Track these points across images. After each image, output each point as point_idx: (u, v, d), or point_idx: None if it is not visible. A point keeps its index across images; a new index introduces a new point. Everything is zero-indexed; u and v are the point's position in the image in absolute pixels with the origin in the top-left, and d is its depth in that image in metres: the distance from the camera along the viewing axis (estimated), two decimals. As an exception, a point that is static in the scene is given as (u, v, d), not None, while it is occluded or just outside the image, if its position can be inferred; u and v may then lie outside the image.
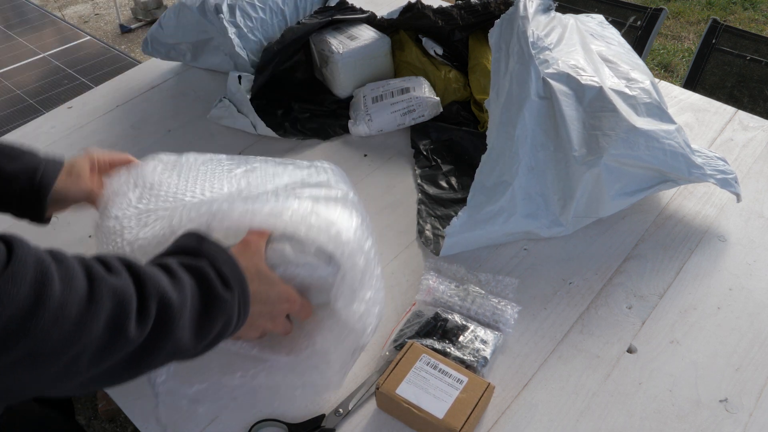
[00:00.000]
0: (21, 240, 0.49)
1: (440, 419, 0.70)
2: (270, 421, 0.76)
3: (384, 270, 0.94)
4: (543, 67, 0.93)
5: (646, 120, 0.91)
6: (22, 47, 2.36)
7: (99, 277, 0.51)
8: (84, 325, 0.49)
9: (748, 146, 1.11)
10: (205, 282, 0.58)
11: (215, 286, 0.58)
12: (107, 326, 0.50)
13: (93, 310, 0.49)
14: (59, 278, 0.49)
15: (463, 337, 0.81)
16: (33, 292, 0.47)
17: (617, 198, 0.92)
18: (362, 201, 0.98)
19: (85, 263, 0.52)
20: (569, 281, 0.91)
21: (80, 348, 0.49)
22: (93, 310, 0.49)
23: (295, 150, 1.17)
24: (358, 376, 0.80)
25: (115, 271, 0.53)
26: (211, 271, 0.58)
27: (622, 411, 0.75)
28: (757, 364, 0.79)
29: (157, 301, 0.53)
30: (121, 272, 0.53)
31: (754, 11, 3.20)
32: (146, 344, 0.53)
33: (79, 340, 0.49)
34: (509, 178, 0.93)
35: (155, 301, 0.53)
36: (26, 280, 0.47)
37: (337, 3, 1.34)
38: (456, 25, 1.22)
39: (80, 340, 0.49)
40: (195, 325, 0.57)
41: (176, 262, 0.58)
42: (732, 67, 1.59)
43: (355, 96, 1.23)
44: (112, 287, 0.51)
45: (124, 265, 0.54)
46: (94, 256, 0.54)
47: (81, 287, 0.50)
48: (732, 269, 0.91)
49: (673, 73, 2.79)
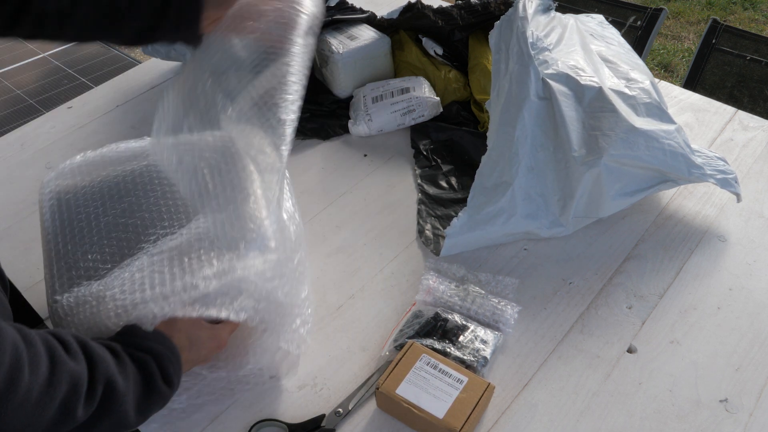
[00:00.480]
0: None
1: (440, 419, 0.70)
2: (270, 421, 0.76)
3: (384, 270, 0.94)
4: (542, 68, 0.93)
5: (646, 120, 0.91)
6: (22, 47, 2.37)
7: (60, 361, 0.54)
8: (42, 407, 0.52)
9: (748, 146, 1.11)
10: (148, 376, 0.63)
11: (157, 382, 0.63)
12: (60, 407, 0.54)
13: (51, 394, 0.53)
14: (28, 363, 0.51)
15: (463, 337, 0.81)
16: (8, 379, 0.49)
17: (617, 198, 0.92)
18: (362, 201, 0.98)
19: (48, 344, 0.55)
20: (569, 281, 0.91)
21: (35, 426, 0.53)
22: (51, 394, 0.53)
23: (295, 150, 1.17)
24: (358, 376, 0.80)
25: (73, 353, 0.56)
26: (155, 367, 0.63)
27: (622, 411, 0.75)
28: (757, 364, 0.79)
29: (104, 384, 0.58)
30: (77, 355, 0.57)
31: (754, 11, 3.20)
32: (88, 422, 0.58)
33: (36, 421, 0.53)
34: (509, 178, 0.93)
35: (102, 384, 0.58)
36: (4, 367, 0.49)
37: (337, 3, 1.34)
38: (456, 25, 1.22)
39: (37, 421, 0.53)
40: (137, 406, 0.62)
41: (123, 349, 0.62)
42: (732, 67, 1.59)
43: (355, 96, 1.23)
44: (70, 372, 0.55)
45: (80, 346, 0.58)
46: (54, 333, 0.57)
47: (43, 372, 0.53)
48: (732, 269, 0.91)
49: (673, 73, 2.79)
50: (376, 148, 1.17)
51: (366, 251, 0.97)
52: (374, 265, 0.95)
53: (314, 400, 0.78)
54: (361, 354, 0.83)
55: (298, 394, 0.79)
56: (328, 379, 0.80)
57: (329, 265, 0.95)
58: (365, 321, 0.87)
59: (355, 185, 1.09)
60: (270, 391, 0.79)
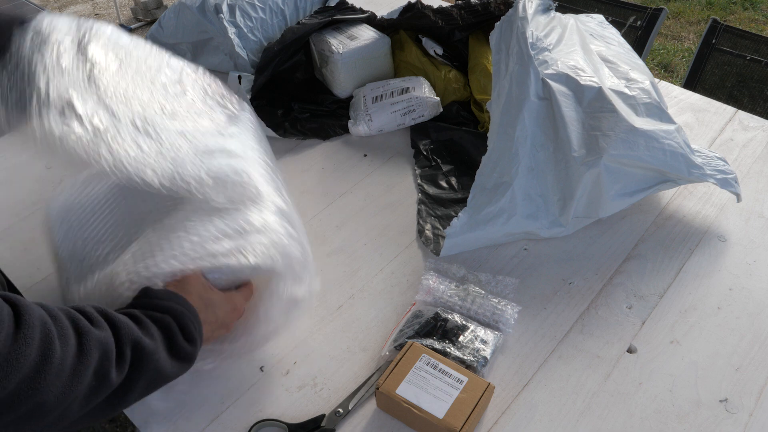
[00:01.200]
0: (24, 301, 0.53)
1: (440, 419, 0.70)
2: (270, 420, 0.76)
3: (384, 270, 0.94)
4: (542, 68, 0.93)
5: (646, 120, 0.91)
6: (22, 47, 2.35)
7: (86, 330, 0.56)
8: (77, 376, 0.54)
9: (748, 146, 1.11)
10: (170, 335, 0.64)
11: (178, 339, 0.64)
12: (95, 374, 0.56)
13: (84, 362, 0.55)
14: (58, 336, 0.53)
15: (463, 337, 0.81)
16: (40, 353, 0.52)
17: (617, 198, 0.92)
18: (362, 201, 0.98)
19: (71, 317, 0.57)
20: (569, 281, 0.91)
21: (74, 396, 0.55)
22: (84, 362, 0.55)
23: (295, 150, 1.17)
24: (358, 376, 0.80)
25: (96, 322, 0.58)
26: (175, 325, 0.64)
27: (622, 411, 0.75)
28: (757, 364, 0.79)
29: (131, 346, 0.59)
30: (101, 323, 0.58)
31: (754, 11, 3.20)
32: (125, 385, 0.59)
33: (75, 389, 0.55)
34: (509, 178, 0.93)
35: (129, 347, 0.59)
36: (35, 342, 0.51)
37: (337, 3, 1.34)
38: (456, 25, 1.22)
39: (75, 390, 0.55)
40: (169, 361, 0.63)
41: (142, 313, 0.64)
42: (732, 67, 1.59)
43: (355, 96, 1.23)
44: (98, 339, 0.57)
45: (101, 315, 0.60)
46: (74, 307, 0.59)
47: (72, 342, 0.55)
48: (732, 269, 0.91)
49: (673, 73, 2.79)
50: (376, 148, 1.17)
51: (366, 251, 0.97)
52: (374, 265, 0.95)
53: (314, 400, 0.78)
54: (361, 354, 0.83)
55: (298, 394, 0.79)
56: (328, 379, 0.80)
57: (329, 265, 0.95)
58: (365, 321, 0.87)
59: (355, 185, 1.09)
60: (270, 391, 0.79)
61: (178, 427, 0.76)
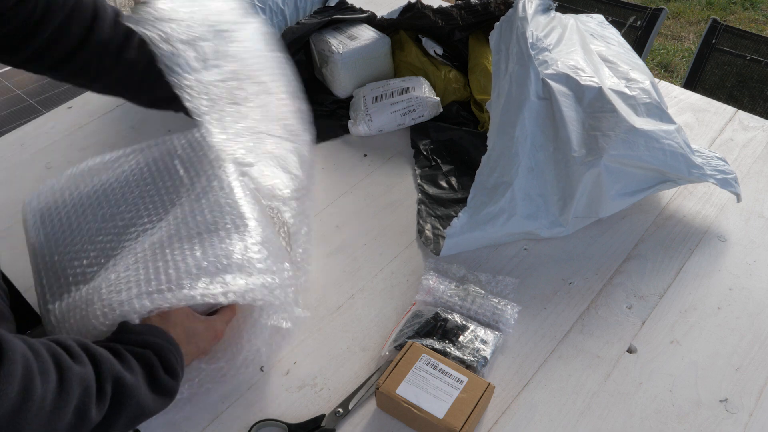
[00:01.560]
0: (6, 336, 0.52)
1: (440, 419, 0.70)
2: (270, 420, 0.76)
3: (384, 270, 0.94)
4: (542, 68, 0.93)
5: (646, 120, 0.91)
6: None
7: (67, 366, 0.56)
8: (57, 413, 0.54)
9: (748, 146, 1.11)
10: (150, 369, 0.63)
11: (159, 374, 0.64)
12: (75, 411, 0.56)
13: (65, 399, 0.54)
14: (39, 373, 0.53)
15: (463, 337, 0.81)
16: (22, 390, 0.51)
17: (617, 198, 0.92)
18: (362, 201, 0.98)
19: (53, 351, 0.56)
20: (569, 281, 0.91)
21: None
22: (65, 399, 0.54)
23: (295, 150, 1.17)
24: (358, 376, 0.80)
25: (77, 358, 0.58)
26: (156, 359, 0.64)
27: (622, 411, 0.75)
28: (757, 364, 0.79)
29: (112, 382, 0.59)
30: (82, 359, 0.58)
31: (754, 11, 3.20)
32: (105, 421, 0.59)
33: (54, 427, 0.54)
34: (509, 178, 0.93)
35: (110, 383, 0.59)
36: (16, 379, 0.50)
37: (337, 3, 1.34)
38: (456, 25, 1.22)
39: (55, 427, 0.54)
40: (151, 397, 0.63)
41: (123, 348, 0.63)
42: (732, 67, 1.59)
43: (355, 96, 1.23)
44: (79, 375, 0.56)
45: (82, 349, 0.59)
46: (55, 340, 0.58)
47: (53, 379, 0.54)
48: (732, 269, 0.91)
49: (673, 73, 2.79)
50: (376, 148, 1.17)
51: (366, 251, 0.97)
52: (374, 265, 0.95)
53: (314, 400, 0.78)
54: (361, 354, 0.83)
55: (298, 394, 0.79)
56: (328, 379, 0.80)
57: (329, 265, 0.95)
58: (365, 321, 0.87)
59: (355, 185, 1.09)
60: (270, 391, 0.79)
61: (178, 427, 0.76)
